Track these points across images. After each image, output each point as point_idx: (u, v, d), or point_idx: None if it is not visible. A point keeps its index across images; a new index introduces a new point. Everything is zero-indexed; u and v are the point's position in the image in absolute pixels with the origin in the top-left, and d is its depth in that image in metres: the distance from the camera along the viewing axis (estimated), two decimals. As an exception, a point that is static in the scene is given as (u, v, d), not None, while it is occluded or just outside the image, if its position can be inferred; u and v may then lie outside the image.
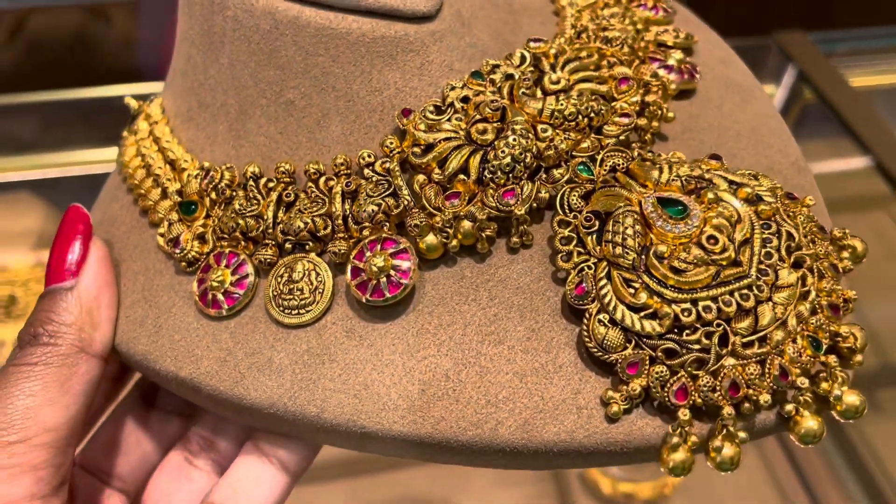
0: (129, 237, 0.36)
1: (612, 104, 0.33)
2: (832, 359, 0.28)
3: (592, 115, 0.32)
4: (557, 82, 0.32)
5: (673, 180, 0.30)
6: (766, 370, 0.27)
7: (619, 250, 0.28)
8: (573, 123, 0.31)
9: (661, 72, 0.35)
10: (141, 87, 0.82)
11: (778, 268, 0.28)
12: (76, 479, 0.36)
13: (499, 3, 0.36)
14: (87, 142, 0.82)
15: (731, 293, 0.27)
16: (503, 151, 0.30)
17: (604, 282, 0.28)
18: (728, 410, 0.27)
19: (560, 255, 0.29)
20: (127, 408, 0.38)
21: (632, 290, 0.28)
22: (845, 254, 0.30)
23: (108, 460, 0.37)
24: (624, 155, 0.31)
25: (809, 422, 0.27)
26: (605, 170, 0.31)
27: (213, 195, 0.33)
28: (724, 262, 0.28)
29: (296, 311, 0.31)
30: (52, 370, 0.31)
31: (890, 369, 0.84)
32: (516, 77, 0.33)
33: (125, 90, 0.81)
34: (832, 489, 0.75)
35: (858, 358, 0.28)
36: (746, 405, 0.27)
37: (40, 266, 0.73)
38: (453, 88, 0.32)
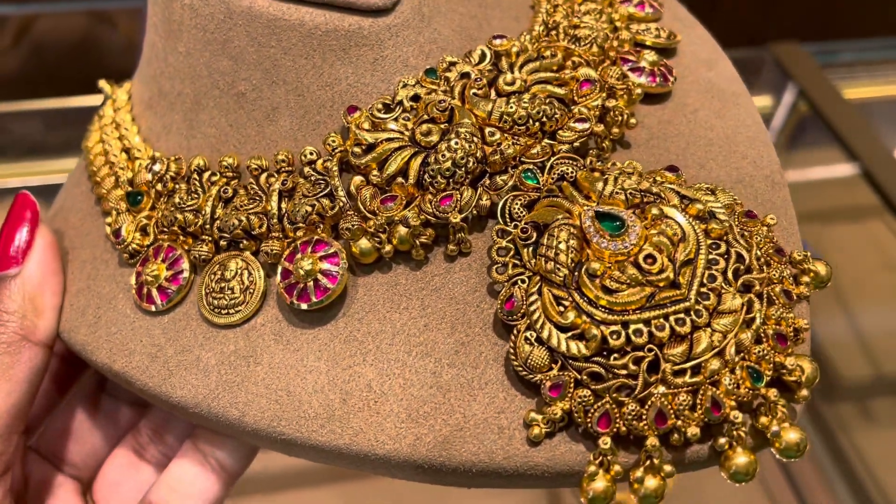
0: (83, 224, 0.36)
1: (571, 108, 0.31)
2: (773, 392, 0.26)
3: (545, 119, 0.30)
4: (512, 83, 0.31)
5: (617, 193, 0.28)
6: (698, 401, 0.25)
7: (550, 265, 0.27)
8: (524, 128, 0.30)
9: (631, 74, 0.33)
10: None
11: (722, 291, 0.26)
12: (31, 466, 0.36)
13: None
14: None
15: (666, 317, 0.26)
16: (444, 155, 0.29)
17: (534, 297, 0.27)
18: (652, 442, 0.25)
19: (496, 267, 0.28)
20: (82, 395, 0.39)
21: (561, 309, 0.26)
22: (806, 278, 0.28)
23: (62, 447, 0.37)
24: (574, 163, 0.30)
25: (740, 458, 0.25)
26: (552, 178, 0.29)
27: (159, 187, 0.33)
28: (662, 284, 0.26)
29: (226, 311, 0.30)
30: None
31: (883, 379, 0.83)
32: (472, 76, 0.31)
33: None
34: (823, 497, 0.75)
35: (804, 392, 0.26)
36: (675, 436, 0.26)
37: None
38: (405, 86, 0.31)
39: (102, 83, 0.41)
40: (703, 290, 0.26)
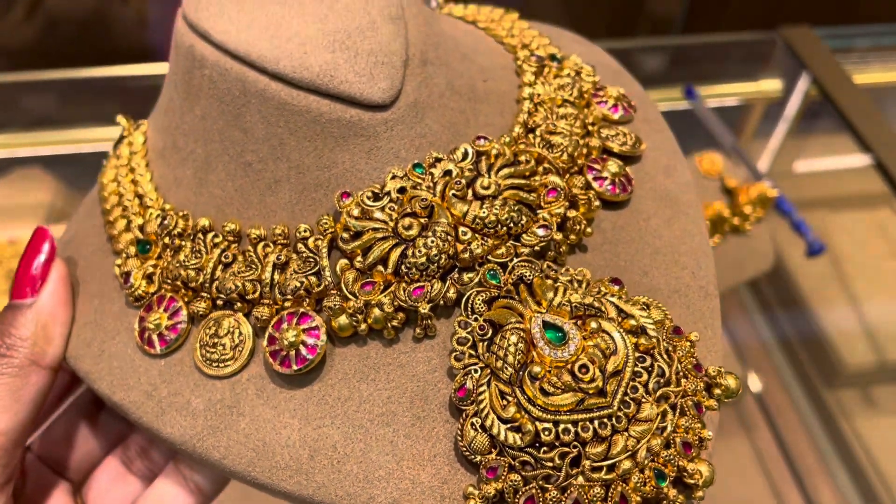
0: (93, 258, 0.40)
1: (537, 213, 0.35)
2: (673, 492, 0.31)
3: (512, 224, 0.34)
4: (488, 187, 0.35)
5: (564, 305, 0.32)
6: (610, 494, 0.30)
7: (499, 364, 0.31)
8: (493, 230, 0.34)
9: (595, 183, 0.38)
10: (153, 67, 0.85)
11: (642, 401, 0.31)
12: (29, 467, 0.40)
13: (461, 90, 0.39)
14: (100, 119, 0.86)
15: (591, 420, 0.30)
16: (420, 251, 0.33)
17: (483, 388, 0.31)
18: (567, 525, 0.30)
19: (454, 354, 0.32)
20: (80, 406, 0.43)
21: (504, 403, 0.31)
22: (718, 391, 0.33)
23: (58, 452, 0.42)
24: (532, 266, 0.34)
25: (641, 545, 0.30)
26: (512, 278, 0.34)
27: (167, 240, 0.37)
28: (591, 391, 0.31)
29: (216, 364, 0.34)
30: (7, 380, 0.35)
31: (887, 367, 0.85)
32: (454, 173, 0.35)
33: (139, 70, 0.84)
34: (823, 482, 0.77)
35: (700, 493, 0.31)
36: (588, 522, 0.30)
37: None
38: (394, 177, 0.35)
39: (120, 118, 0.44)
40: (626, 398, 0.31)
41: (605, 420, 0.31)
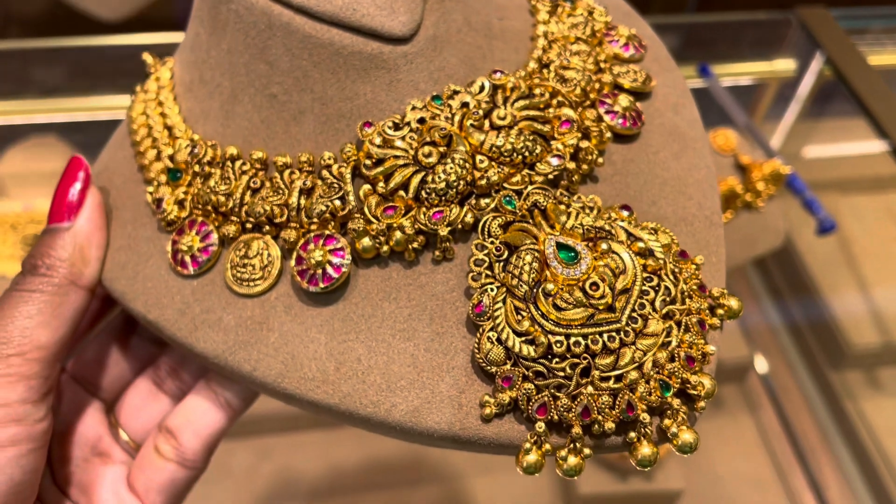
0: (125, 187, 0.42)
1: (551, 143, 0.37)
2: (677, 401, 0.33)
3: (527, 153, 0.36)
4: (504, 118, 0.37)
5: (576, 227, 0.34)
6: (617, 403, 0.32)
7: (515, 282, 0.33)
8: (508, 159, 0.36)
9: (606, 116, 0.39)
10: (163, 36, 0.85)
11: (648, 317, 0.33)
12: (64, 386, 0.43)
13: (478, 27, 0.40)
14: (114, 88, 0.87)
15: (600, 334, 0.32)
16: (440, 177, 0.35)
17: (499, 305, 0.33)
18: (577, 430, 0.32)
19: (471, 275, 0.34)
20: (113, 329, 0.45)
21: (519, 318, 0.33)
22: (721, 311, 0.35)
23: (92, 372, 0.44)
24: (546, 193, 0.36)
25: (645, 449, 0.32)
26: (527, 204, 0.35)
27: (196, 168, 0.39)
28: (601, 307, 0.33)
29: (247, 283, 0.36)
30: (47, 297, 0.37)
31: (892, 349, 0.87)
32: (471, 105, 0.37)
33: (151, 39, 0.85)
34: (826, 462, 0.79)
35: (701, 404, 0.33)
36: (596, 427, 0.32)
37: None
38: (413, 108, 0.37)
39: (146, 56, 0.46)
40: (634, 314, 0.33)
41: (614, 334, 0.33)
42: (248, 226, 0.37)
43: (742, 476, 0.79)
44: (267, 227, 0.37)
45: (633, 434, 0.33)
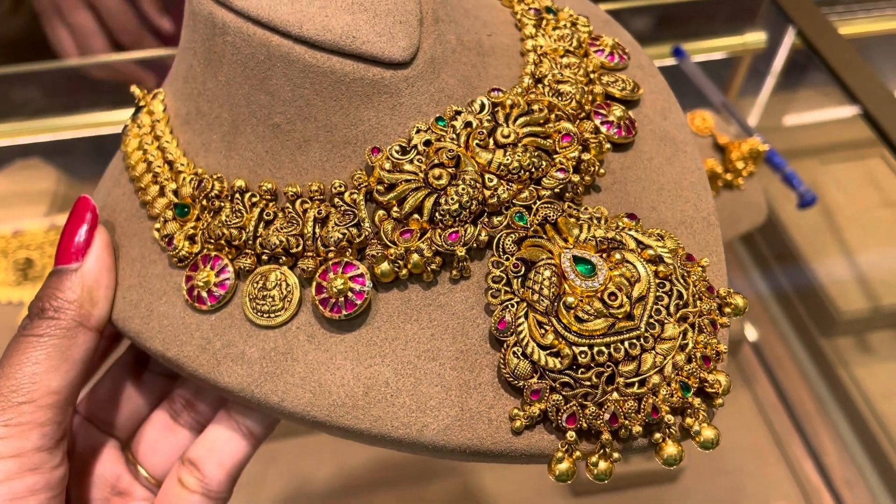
0: (129, 224, 0.41)
1: (553, 157, 0.38)
2: (697, 400, 0.34)
3: (533, 169, 0.37)
4: (508, 136, 0.38)
5: (589, 240, 0.35)
6: (641, 407, 0.34)
7: (535, 297, 0.34)
8: (516, 176, 0.37)
9: (602, 127, 0.41)
10: (141, 54, 0.85)
11: (665, 322, 0.35)
12: (77, 427, 0.43)
13: (470, 45, 0.41)
14: (94, 106, 0.86)
15: (622, 342, 0.34)
16: (453, 198, 0.36)
17: (521, 320, 0.34)
18: (606, 436, 0.33)
19: (490, 292, 0.35)
20: (123, 366, 0.45)
21: (542, 331, 0.34)
22: (728, 309, 0.37)
23: (105, 411, 0.44)
24: (554, 207, 0.37)
25: (671, 448, 0.34)
26: (537, 219, 0.36)
27: (204, 202, 0.39)
28: (620, 316, 0.34)
29: (267, 315, 0.37)
30: (55, 341, 0.37)
31: (880, 313, 0.88)
32: (474, 125, 0.38)
33: (126, 56, 0.84)
34: (822, 429, 0.80)
35: (719, 401, 0.35)
36: (623, 432, 0.34)
37: (55, 230, 0.78)
38: (418, 131, 0.37)
39: (135, 88, 0.46)
40: (651, 320, 0.34)
41: (635, 341, 0.34)
42: (264, 258, 0.37)
43: (742, 448, 0.80)
44: (283, 258, 0.37)
45: (658, 435, 0.34)
